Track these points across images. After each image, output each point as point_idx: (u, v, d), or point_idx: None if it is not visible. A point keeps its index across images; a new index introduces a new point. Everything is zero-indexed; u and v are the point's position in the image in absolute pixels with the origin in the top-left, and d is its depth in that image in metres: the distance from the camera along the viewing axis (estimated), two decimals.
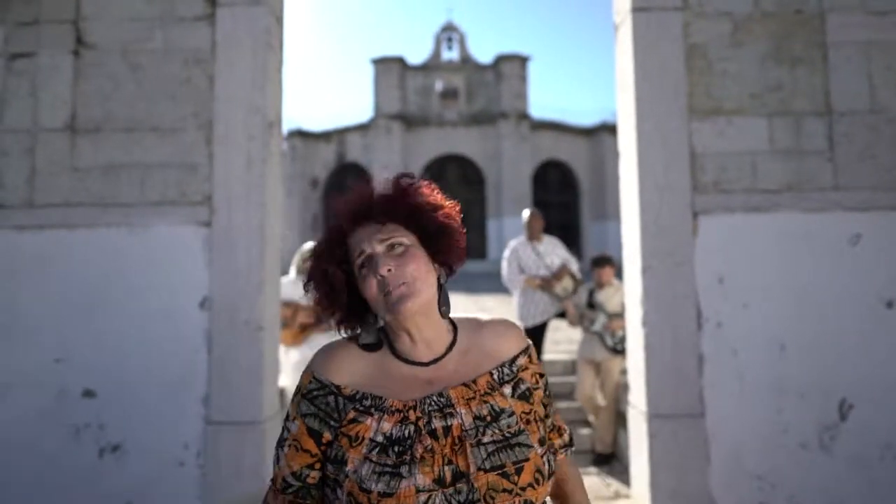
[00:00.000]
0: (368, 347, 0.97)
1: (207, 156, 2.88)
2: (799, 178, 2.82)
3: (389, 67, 27.11)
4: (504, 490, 0.85)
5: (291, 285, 3.95)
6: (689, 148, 2.84)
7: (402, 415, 0.90)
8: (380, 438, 0.88)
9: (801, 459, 2.70)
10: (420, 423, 0.89)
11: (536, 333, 4.91)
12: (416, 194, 0.97)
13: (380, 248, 0.93)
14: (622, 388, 4.20)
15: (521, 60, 27.08)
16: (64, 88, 2.91)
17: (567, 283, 4.82)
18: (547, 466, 0.92)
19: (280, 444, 0.96)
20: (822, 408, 2.71)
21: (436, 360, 0.95)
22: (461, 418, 0.89)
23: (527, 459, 0.88)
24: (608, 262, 4.62)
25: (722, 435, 2.72)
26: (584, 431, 4.66)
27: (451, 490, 0.85)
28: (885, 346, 2.72)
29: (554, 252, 5.00)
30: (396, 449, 0.87)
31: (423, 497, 0.84)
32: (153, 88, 2.91)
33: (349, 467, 0.87)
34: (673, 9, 2.88)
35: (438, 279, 0.97)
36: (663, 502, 2.71)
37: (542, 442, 0.93)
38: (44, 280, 2.83)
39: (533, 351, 1.04)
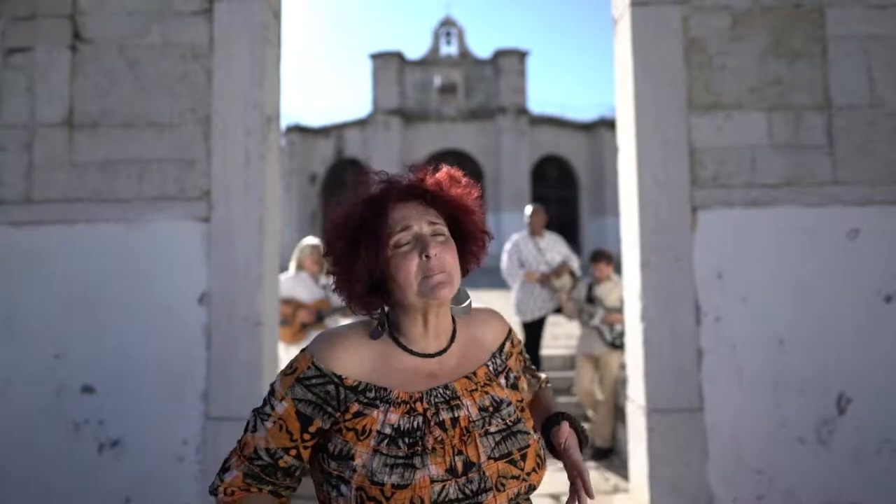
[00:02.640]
0: (375, 334, 0.95)
1: (205, 151, 2.88)
2: (798, 173, 2.82)
3: (388, 62, 27.04)
4: (512, 476, 0.89)
5: (291, 282, 3.95)
6: (688, 143, 2.84)
7: (408, 406, 0.89)
8: (388, 430, 0.87)
9: (799, 453, 2.71)
10: (428, 415, 0.89)
11: (535, 328, 4.92)
12: (467, 194, 0.99)
13: (427, 230, 0.92)
14: (621, 383, 4.21)
15: (520, 55, 27.03)
16: (61, 83, 2.90)
17: (565, 279, 4.82)
18: (543, 451, 0.96)
19: (260, 415, 0.93)
20: (821, 402, 2.72)
21: (440, 352, 0.97)
22: (468, 410, 0.91)
23: (528, 445, 0.92)
24: (605, 258, 4.62)
25: (720, 429, 2.72)
26: (583, 426, 4.66)
27: (463, 480, 0.86)
28: (884, 340, 2.72)
29: (555, 248, 5.00)
30: (407, 440, 0.86)
31: (437, 487, 0.84)
32: (151, 83, 2.90)
33: (357, 461, 0.86)
34: (672, 3, 2.87)
35: None
36: (662, 496, 2.72)
37: (535, 427, 0.98)
38: (42, 276, 2.82)
39: (514, 334, 1.10)
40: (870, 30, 2.83)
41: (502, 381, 1.00)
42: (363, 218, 0.91)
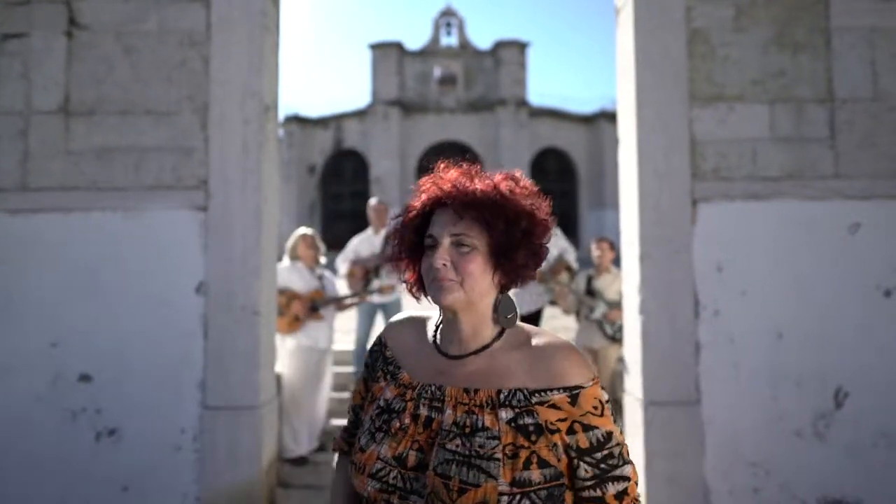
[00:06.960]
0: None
1: (203, 140, 2.85)
2: (800, 166, 2.80)
3: (387, 53, 26.88)
4: (441, 501, 0.85)
5: (286, 272, 3.93)
6: (690, 135, 2.82)
7: (404, 389, 0.97)
8: (382, 403, 0.98)
9: (795, 447, 2.71)
10: (410, 405, 0.95)
11: (531, 320, 4.91)
12: (510, 204, 0.93)
13: (447, 241, 0.94)
14: (618, 376, 4.21)
15: (520, 46, 26.89)
16: (57, 70, 2.87)
17: (563, 278, 4.80)
18: None
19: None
20: (818, 396, 2.72)
21: (458, 357, 0.98)
22: (444, 416, 0.91)
23: (477, 486, 0.84)
24: (608, 240, 4.63)
25: (717, 422, 2.72)
26: None
27: (411, 474, 0.89)
28: (883, 334, 2.72)
29: (551, 242, 4.96)
30: (385, 417, 0.95)
31: (378, 465, 0.91)
32: (147, 71, 2.87)
33: (365, 418, 1.00)
34: None
35: (501, 286, 0.98)
36: (658, 489, 2.73)
37: (516, 483, 0.84)
38: (38, 264, 2.81)
39: (587, 396, 0.89)
40: (875, 22, 2.80)
41: (504, 413, 0.88)
42: (413, 215, 1.00)
